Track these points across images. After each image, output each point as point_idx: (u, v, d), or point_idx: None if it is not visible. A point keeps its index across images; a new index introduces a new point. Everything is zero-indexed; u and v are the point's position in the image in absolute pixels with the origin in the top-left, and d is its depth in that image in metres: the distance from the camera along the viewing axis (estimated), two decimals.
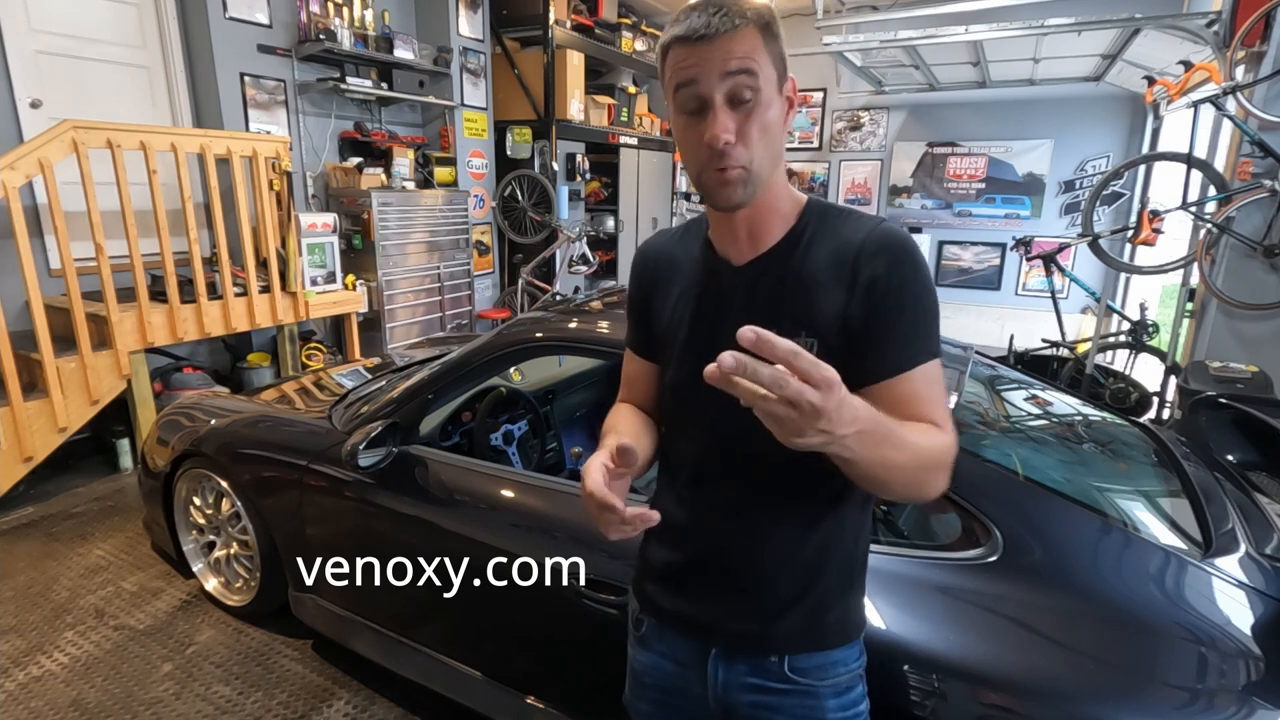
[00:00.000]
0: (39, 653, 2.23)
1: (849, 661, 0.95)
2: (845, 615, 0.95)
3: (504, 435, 2.24)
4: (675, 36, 0.80)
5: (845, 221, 0.88)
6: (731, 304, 0.91)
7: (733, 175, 0.81)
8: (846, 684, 0.94)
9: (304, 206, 4.46)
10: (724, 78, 0.78)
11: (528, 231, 5.73)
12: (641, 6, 6.91)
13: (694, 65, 0.79)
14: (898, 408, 0.82)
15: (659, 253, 1.02)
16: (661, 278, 0.99)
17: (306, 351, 4.34)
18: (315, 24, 4.22)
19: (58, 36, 3.52)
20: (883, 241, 0.84)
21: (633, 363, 1.07)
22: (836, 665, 0.94)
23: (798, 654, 0.93)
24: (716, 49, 0.78)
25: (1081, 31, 3.99)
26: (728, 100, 0.79)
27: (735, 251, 0.91)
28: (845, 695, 0.94)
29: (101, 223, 3.10)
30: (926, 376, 0.83)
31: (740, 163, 0.80)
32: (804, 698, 0.93)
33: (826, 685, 0.93)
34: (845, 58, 5.44)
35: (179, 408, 2.65)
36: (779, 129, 0.84)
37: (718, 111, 0.79)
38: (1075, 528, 1.34)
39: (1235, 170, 3.29)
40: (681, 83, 0.80)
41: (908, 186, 7.00)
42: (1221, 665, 1.13)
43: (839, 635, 0.94)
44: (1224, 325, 3.37)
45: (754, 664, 0.94)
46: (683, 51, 0.80)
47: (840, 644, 0.94)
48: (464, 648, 1.81)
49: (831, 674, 0.93)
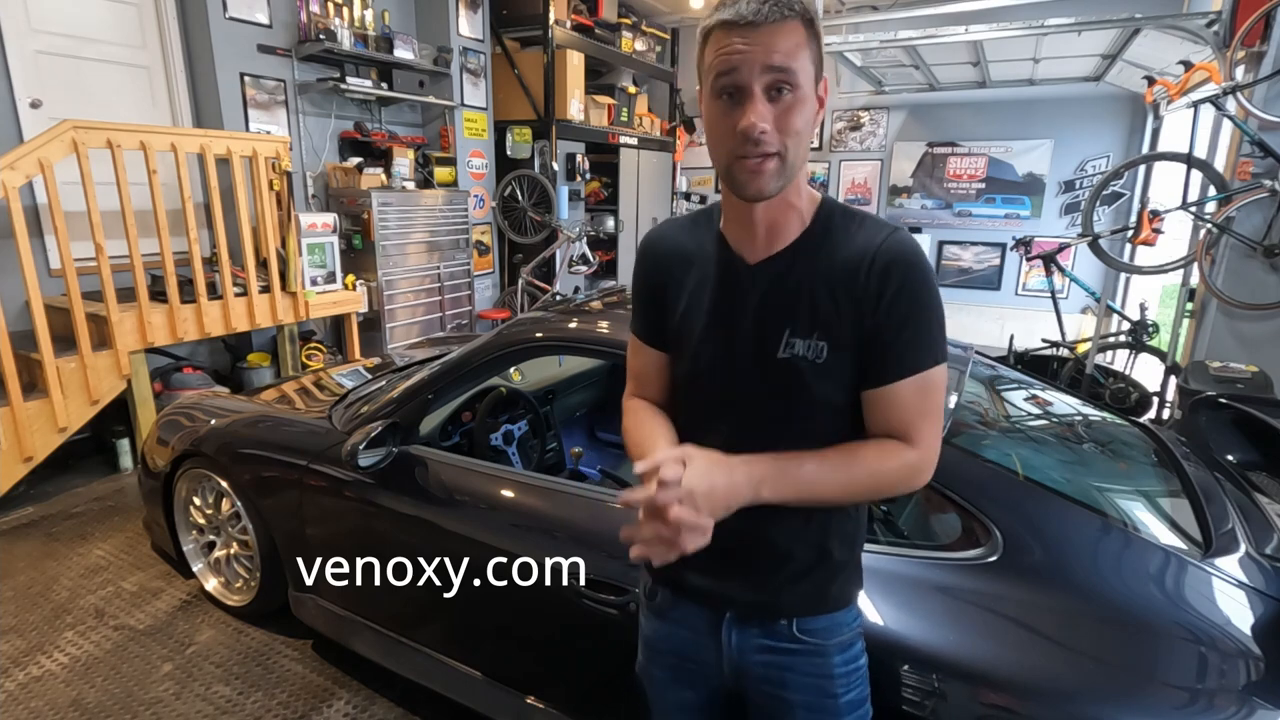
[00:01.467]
0: (39, 653, 2.23)
1: (850, 622, 1.01)
2: (847, 582, 1.01)
3: (504, 435, 2.24)
4: (721, 20, 0.80)
5: (861, 227, 0.89)
6: (746, 303, 0.92)
7: (767, 165, 0.82)
8: (849, 641, 1.00)
9: (304, 206, 4.46)
10: (766, 70, 0.79)
11: (528, 231, 5.73)
12: (641, 6, 6.91)
13: (737, 52, 0.79)
14: (883, 413, 0.89)
15: (670, 242, 1.02)
16: (675, 268, 0.99)
17: (306, 351, 4.34)
18: (315, 24, 4.22)
19: (58, 36, 3.52)
20: (896, 253, 0.86)
21: (642, 355, 1.06)
22: (840, 626, 1.00)
23: (805, 617, 0.98)
24: (762, 38, 0.78)
25: (1081, 31, 3.99)
26: (766, 91, 0.80)
27: (750, 248, 0.92)
28: (848, 651, 1.00)
29: (101, 223, 3.10)
30: (921, 385, 0.87)
31: (774, 149, 0.81)
32: (813, 656, 0.98)
33: (833, 643, 0.99)
34: (845, 58, 5.44)
35: (179, 408, 2.65)
36: (810, 126, 0.84)
37: (756, 101, 0.79)
38: (1075, 528, 1.34)
39: (1235, 170, 3.29)
40: (722, 69, 0.80)
41: (908, 186, 7.00)
42: (1221, 665, 1.13)
43: (842, 599, 1.00)
44: (1224, 325, 3.38)
45: (765, 627, 0.99)
46: (727, 37, 0.79)
47: (843, 607, 1.00)
48: (464, 648, 1.81)
49: (836, 633, 0.99)
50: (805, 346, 0.88)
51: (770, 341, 0.90)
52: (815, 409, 0.91)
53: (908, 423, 0.88)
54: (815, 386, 0.89)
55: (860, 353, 0.88)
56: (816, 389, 0.90)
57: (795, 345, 0.89)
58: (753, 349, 0.92)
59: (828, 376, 0.89)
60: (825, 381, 0.89)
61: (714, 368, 0.95)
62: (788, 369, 0.90)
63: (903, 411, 0.88)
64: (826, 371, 0.88)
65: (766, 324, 0.91)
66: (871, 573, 1.29)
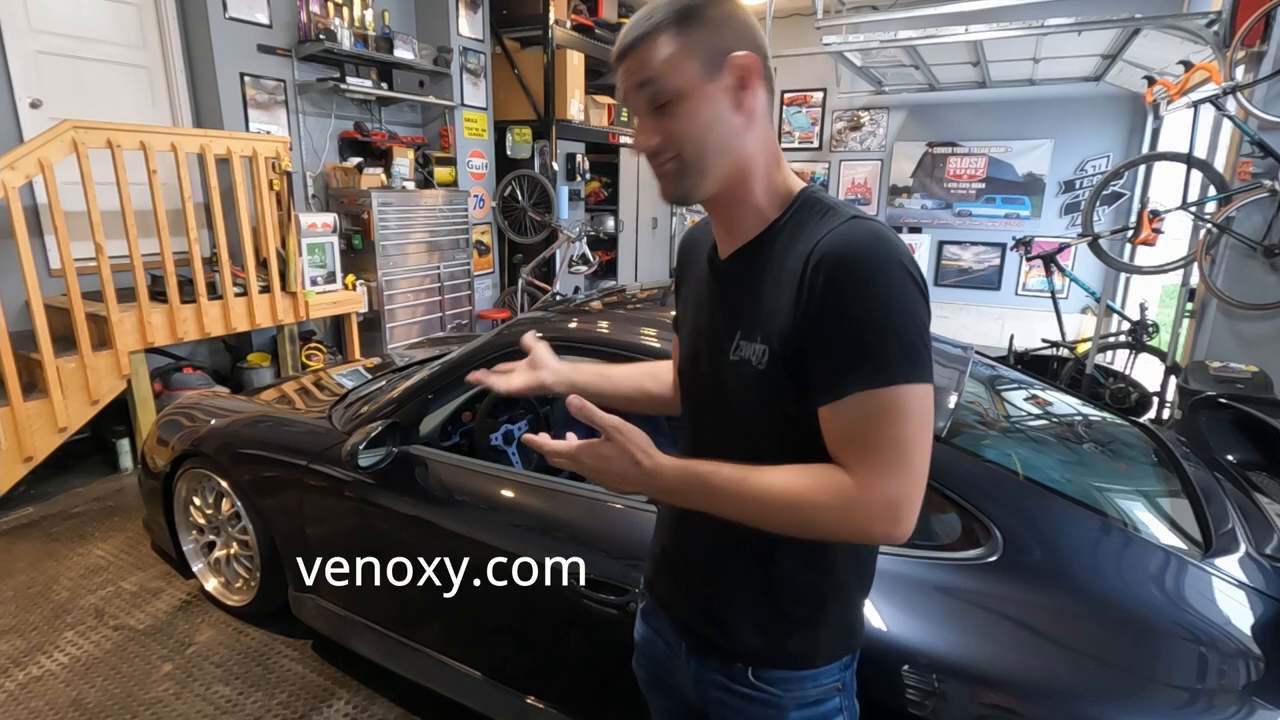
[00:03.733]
0: (39, 653, 2.23)
1: (820, 680, 0.90)
2: (813, 644, 0.89)
3: (504, 435, 2.24)
4: (610, 60, 0.87)
5: (821, 220, 0.80)
6: (713, 300, 0.92)
7: (666, 170, 0.84)
8: (815, 698, 0.90)
9: (304, 206, 4.46)
10: (638, 89, 0.82)
11: (528, 231, 5.73)
12: (642, 7, 6.90)
13: (619, 81, 0.84)
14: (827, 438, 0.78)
15: (692, 239, 1.05)
16: (689, 263, 1.03)
17: (306, 351, 4.34)
18: (315, 24, 4.22)
19: (58, 36, 3.52)
20: (830, 247, 0.75)
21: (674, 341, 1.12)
22: (805, 682, 0.90)
23: (763, 667, 0.90)
24: (632, 63, 0.82)
25: (1081, 31, 3.99)
26: (650, 108, 0.82)
27: (723, 245, 0.92)
28: (812, 708, 0.90)
29: (101, 223, 3.10)
30: (864, 409, 0.73)
31: (668, 155, 0.83)
32: (765, 707, 0.90)
33: (791, 698, 0.89)
34: (845, 58, 5.43)
35: (179, 408, 2.65)
36: (719, 116, 0.79)
37: (639, 122, 0.84)
38: (1075, 528, 1.34)
39: (1235, 170, 3.29)
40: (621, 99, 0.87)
41: (908, 186, 7.00)
42: (1221, 665, 1.13)
43: (804, 660, 0.89)
44: (1224, 325, 3.38)
45: (722, 665, 0.93)
46: (617, 71, 0.85)
47: (806, 668, 0.89)
48: (464, 648, 1.81)
49: (799, 688, 0.89)
50: (750, 350, 0.82)
51: (725, 342, 0.86)
52: (764, 416, 0.85)
53: (845, 454, 0.76)
54: (759, 393, 0.83)
55: (800, 361, 0.78)
56: (760, 395, 0.83)
57: (743, 348, 0.83)
58: (712, 350, 0.89)
59: (771, 383, 0.81)
60: (768, 388, 0.82)
61: (685, 366, 0.98)
62: (736, 372, 0.84)
63: (841, 439, 0.76)
64: (769, 378, 0.81)
65: (724, 324, 0.88)
66: None
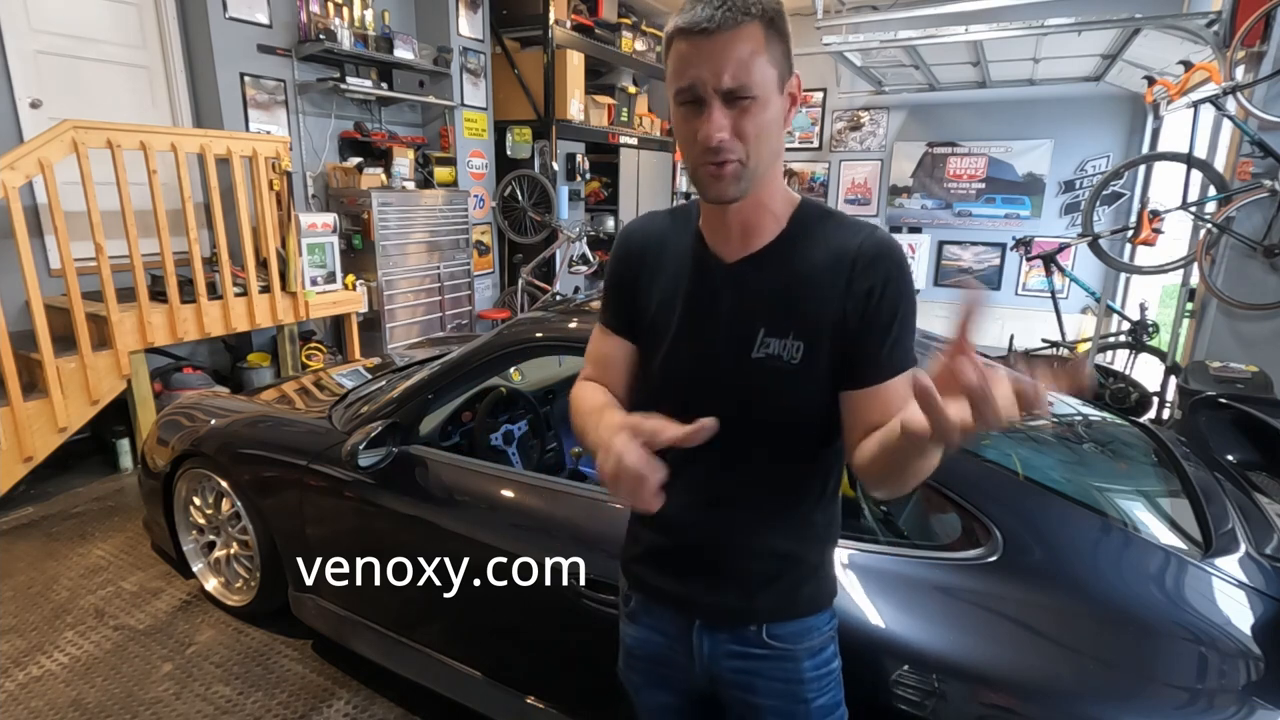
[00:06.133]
0: (39, 653, 2.23)
1: (821, 626, 1.00)
2: (818, 588, 1.00)
3: (504, 435, 2.24)
4: (678, 28, 0.79)
5: (839, 226, 0.89)
6: (722, 302, 0.91)
7: (727, 170, 0.81)
8: (820, 645, 0.99)
9: (304, 206, 4.45)
10: (722, 77, 0.77)
11: (528, 231, 5.73)
12: (641, 6, 6.91)
13: (694, 61, 0.78)
14: (881, 411, 0.85)
15: (648, 235, 1.00)
16: (650, 261, 0.98)
17: (306, 351, 4.34)
18: (315, 24, 4.22)
19: (58, 36, 3.52)
20: (883, 250, 0.86)
21: (607, 342, 1.04)
22: (811, 630, 0.99)
23: (775, 622, 0.97)
24: (717, 46, 0.77)
25: (1081, 31, 3.99)
26: (724, 98, 0.79)
27: (726, 248, 0.91)
28: (819, 655, 0.99)
29: (101, 223, 3.10)
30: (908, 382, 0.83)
31: (734, 157, 0.80)
32: (782, 660, 0.97)
33: (802, 648, 0.98)
34: (845, 58, 5.43)
35: (179, 408, 2.65)
36: (777, 127, 0.83)
37: (713, 110, 0.79)
38: (1075, 528, 1.34)
39: (1235, 170, 3.29)
40: (680, 79, 0.80)
41: (908, 186, 7.00)
42: (1221, 665, 1.13)
43: (811, 605, 0.99)
44: (1224, 325, 3.38)
45: (734, 632, 0.98)
46: (684, 45, 0.79)
47: (813, 612, 0.99)
48: (464, 648, 1.81)
49: (806, 638, 0.98)
50: (781, 346, 0.88)
51: (745, 341, 0.89)
52: (786, 411, 0.90)
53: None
54: (790, 386, 0.89)
55: (841, 353, 0.87)
56: (791, 389, 0.89)
57: (770, 345, 0.88)
58: (728, 349, 0.91)
59: (804, 376, 0.88)
60: (801, 381, 0.88)
61: (689, 366, 0.94)
62: (762, 369, 0.89)
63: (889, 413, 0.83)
64: (803, 371, 0.88)
65: (742, 324, 0.90)
66: (871, 573, 1.30)
